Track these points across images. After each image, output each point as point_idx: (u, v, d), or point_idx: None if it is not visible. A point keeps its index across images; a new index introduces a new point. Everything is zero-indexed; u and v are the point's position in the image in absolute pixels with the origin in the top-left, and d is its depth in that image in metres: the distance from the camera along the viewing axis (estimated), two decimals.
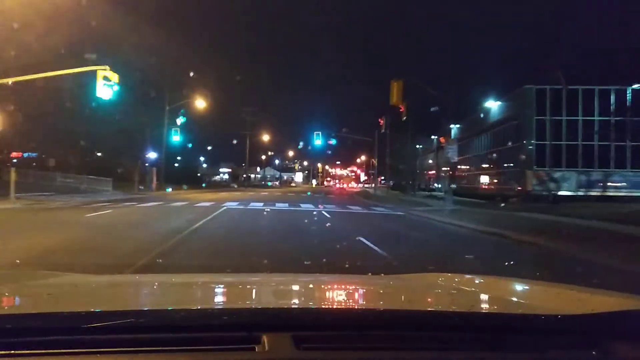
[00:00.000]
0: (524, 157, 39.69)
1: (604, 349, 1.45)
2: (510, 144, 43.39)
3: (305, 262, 7.26)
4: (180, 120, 42.24)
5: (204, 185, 61.73)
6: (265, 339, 1.42)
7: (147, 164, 43.41)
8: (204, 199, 27.45)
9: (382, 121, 37.58)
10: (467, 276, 2.81)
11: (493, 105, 45.17)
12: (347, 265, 7.02)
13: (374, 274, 4.74)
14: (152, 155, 43.56)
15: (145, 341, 1.41)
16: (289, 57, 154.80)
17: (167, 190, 40.09)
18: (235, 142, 74.62)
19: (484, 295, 2.27)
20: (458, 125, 64.30)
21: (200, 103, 42.86)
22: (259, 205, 23.15)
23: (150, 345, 1.40)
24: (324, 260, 7.52)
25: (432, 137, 64.88)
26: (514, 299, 2.33)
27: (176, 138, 43.29)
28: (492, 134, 48.79)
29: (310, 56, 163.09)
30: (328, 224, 15.14)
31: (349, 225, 14.90)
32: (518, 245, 11.16)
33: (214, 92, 43.81)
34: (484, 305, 2.08)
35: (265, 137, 78.76)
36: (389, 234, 13.22)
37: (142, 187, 38.80)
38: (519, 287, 2.56)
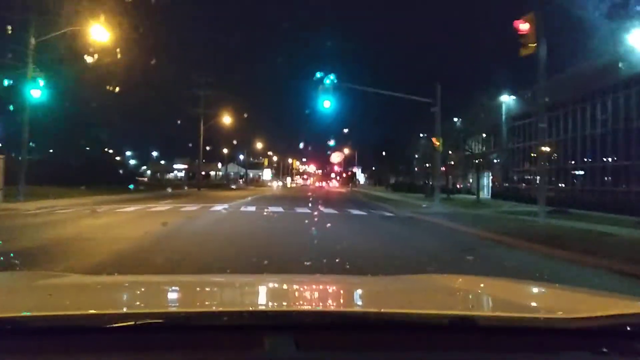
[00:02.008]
0: None
1: (606, 351, 1.42)
2: None
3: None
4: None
5: (131, 186, 38.70)
6: (266, 340, 1.39)
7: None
8: None
9: (528, 25, 15.00)
10: (468, 277, 2.84)
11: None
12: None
13: (374, 275, 4.78)
14: None
15: (146, 342, 1.39)
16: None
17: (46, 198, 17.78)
18: (179, 122, 52.69)
19: (484, 296, 2.24)
20: (513, 98, 44.01)
21: (101, 34, 21.43)
22: None
23: (151, 346, 1.38)
24: None
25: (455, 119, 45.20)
26: (515, 300, 2.14)
27: (36, 93, 20.75)
28: (627, 96, 27.60)
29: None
30: None
31: None
32: None
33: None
34: (485, 307, 2.07)
35: (227, 120, 56.42)
36: None
37: None
38: (520, 288, 2.49)
